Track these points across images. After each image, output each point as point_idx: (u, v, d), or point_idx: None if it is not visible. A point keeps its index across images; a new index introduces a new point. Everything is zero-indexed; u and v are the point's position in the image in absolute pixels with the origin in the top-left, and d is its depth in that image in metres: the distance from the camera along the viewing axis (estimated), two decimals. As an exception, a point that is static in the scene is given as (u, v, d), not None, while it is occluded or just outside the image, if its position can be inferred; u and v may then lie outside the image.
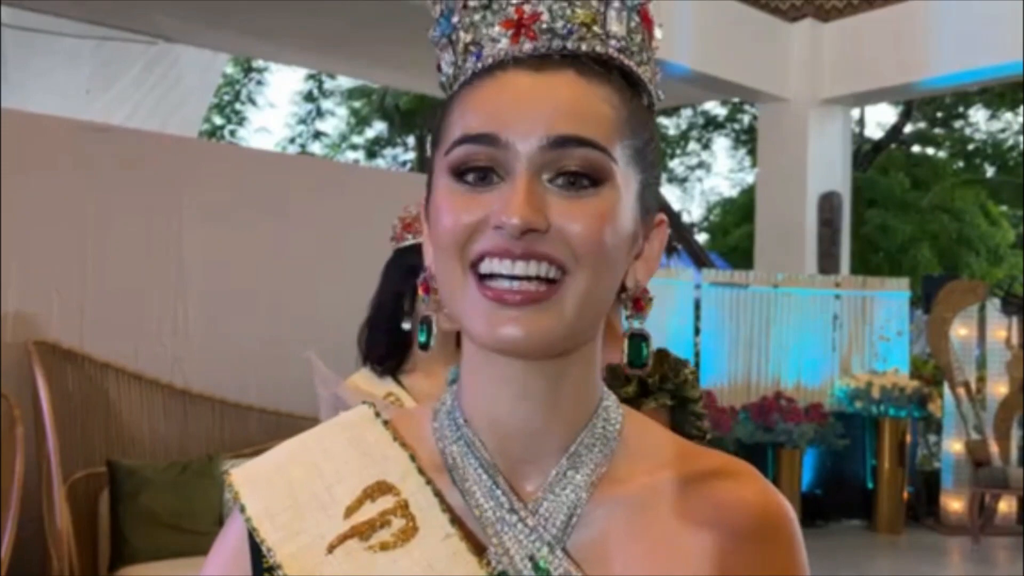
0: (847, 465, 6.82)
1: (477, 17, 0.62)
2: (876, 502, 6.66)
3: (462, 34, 0.63)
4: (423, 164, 15.47)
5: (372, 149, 16.01)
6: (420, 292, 0.66)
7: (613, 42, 0.62)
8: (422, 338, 0.66)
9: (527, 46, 0.60)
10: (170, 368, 4.15)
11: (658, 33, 0.66)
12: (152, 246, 4.19)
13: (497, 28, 0.61)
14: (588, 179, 0.59)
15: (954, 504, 6.70)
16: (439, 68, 0.66)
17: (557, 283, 0.58)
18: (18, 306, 3.76)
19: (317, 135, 15.55)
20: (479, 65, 0.61)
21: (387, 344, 2.04)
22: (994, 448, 6.49)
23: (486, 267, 0.58)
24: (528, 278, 0.58)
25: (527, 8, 0.61)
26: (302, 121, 15.37)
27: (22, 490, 3.11)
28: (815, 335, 6.99)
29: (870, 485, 6.78)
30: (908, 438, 6.75)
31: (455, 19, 0.63)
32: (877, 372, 6.81)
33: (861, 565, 5.92)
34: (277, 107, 15.53)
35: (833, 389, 6.88)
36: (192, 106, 8.11)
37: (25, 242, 3.83)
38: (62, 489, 3.40)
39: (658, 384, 1.28)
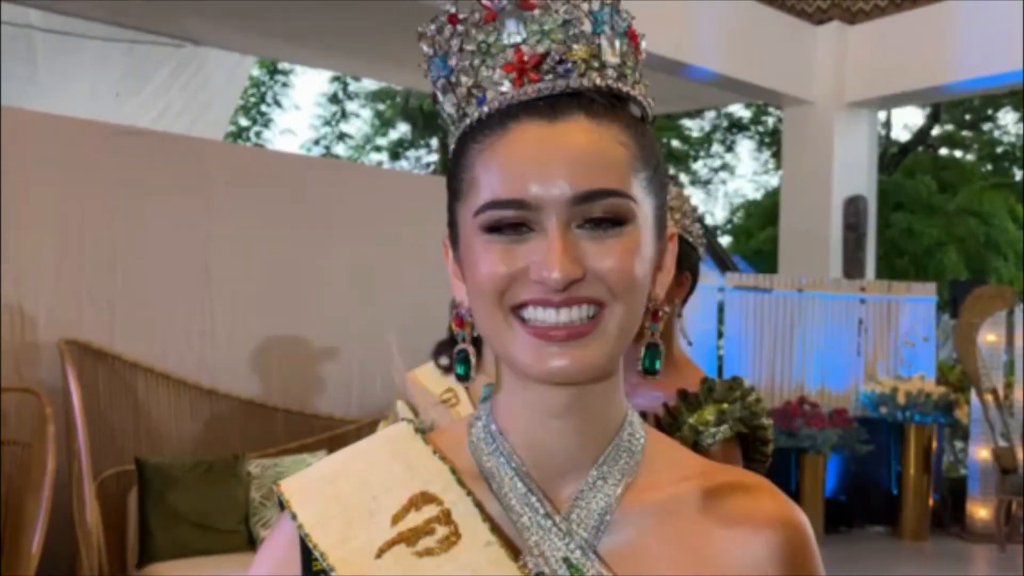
0: (871, 471, 6.76)
1: (476, 61, 0.64)
2: (901, 509, 6.60)
3: (463, 78, 0.65)
4: (446, 166, 15.51)
5: (396, 151, 16.07)
6: (454, 327, 0.70)
7: (610, 71, 0.64)
8: (460, 371, 0.69)
9: (531, 88, 0.62)
10: (197, 368, 4.20)
11: (643, 44, 0.68)
12: (180, 247, 4.25)
13: (499, 72, 0.63)
14: (613, 220, 0.62)
15: (980, 511, 6.62)
16: (435, 100, 0.68)
17: (597, 316, 0.62)
18: (50, 306, 3.83)
19: (341, 137, 15.62)
20: (485, 110, 0.63)
21: (447, 352, 2.12)
22: (1021, 455, 6.40)
23: (529, 314, 0.62)
24: (570, 321, 0.61)
25: (526, 49, 0.62)
26: (327, 123, 15.45)
27: (53, 487, 3.16)
28: (840, 340, 6.94)
29: (895, 491, 6.72)
30: (934, 444, 6.68)
31: (452, 62, 0.65)
32: (903, 377, 6.75)
33: (885, 572, 5.87)
34: (302, 109, 15.63)
35: (858, 394, 6.83)
36: (219, 108, 8.19)
37: (57, 244, 3.89)
38: (92, 486, 3.46)
39: (737, 412, 1.31)
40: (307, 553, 0.66)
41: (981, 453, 6.64)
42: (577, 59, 0.63)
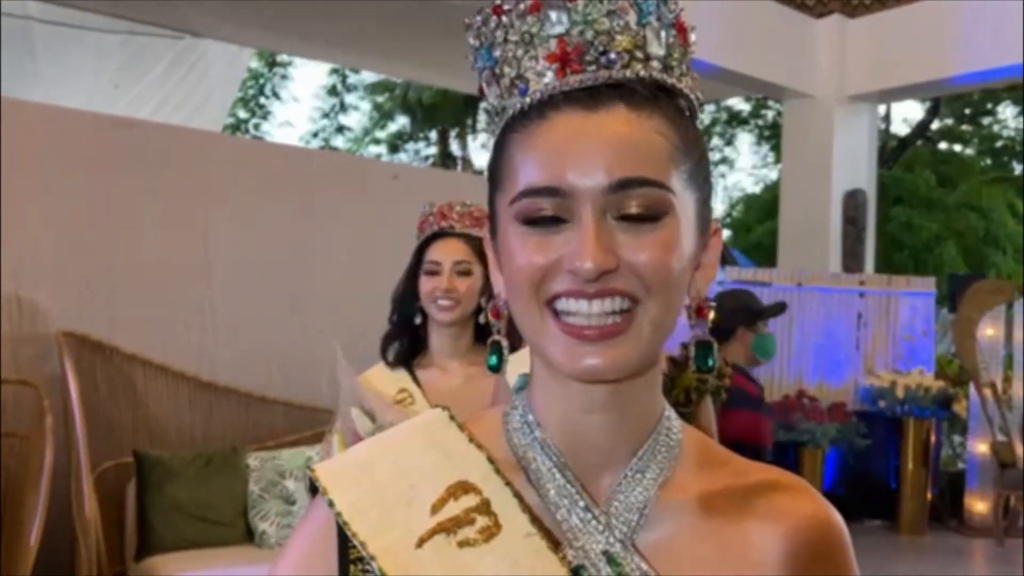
0: (870, 465, 6.77)
1: (519, 52, 0.63)
2: (899, 503, 6.62)
3: (506, 69, 0.64)
4: (445, 159, 15.48)
5: (394, 144, 16.04)
6: (491, 318, 0.69)
7: (655, 63, 0.63)
8: (493, 361, 0.68)
9: (573, 79, 0.62)
10: (196, 361, 4.19)
11: (692, 37, 0.67)
12: (179, 240, 4.24)
13: (541, 62, 0.63)
14: (650, 213, 0.61)
15: (978, 506, 6.64)
16: (481, 94, 0.67)
17: (631, 312, 0.61)
18: (48, 298, 3.82)
19: (340, 129, 15.60)
20: (527, 101, 0.63)
21: (399, 338, 2.08)
22: (1019, 450, 6.41)
23: (562, 306, 0.61)
24: (603, 314, 0.61)
25: (569, 40, 0.62)
26: (325, 115, 15.43)
27: (51, 479, 3.15)
28: (839, 334, 6.95)
29: (893, 485, 6.73)
30: (932, 438, 6.69)
31: (496, 53, 0.65)
32: (901, 372, 6.76)
33: (883, 566, 5.88)
34: (301, 101, 15.60)
35: (857, 388, 6.83)
36: (217, 100, 8.17)
37: (55, 235, 3.88)
38: (90, 479, 3.45)
39: (723, 372, 1.49)
40: (343, 540, 0.65)
41: (979, 447, 6.65)
42: (621, 50, 0.62)
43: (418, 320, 2.07)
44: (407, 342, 2.08)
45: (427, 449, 0.68)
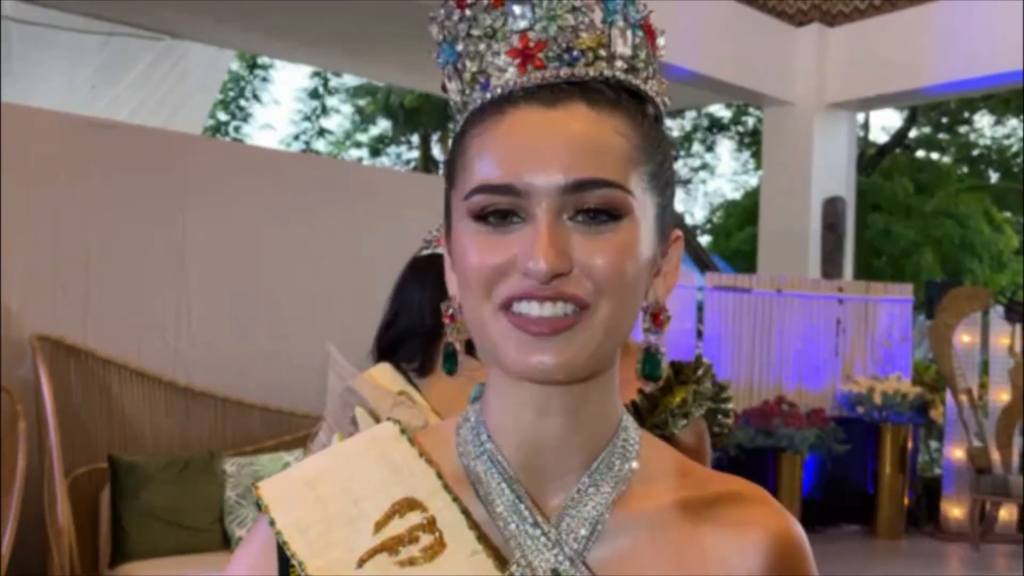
0: (848, 470, 6.81)
1: (482, 47, 0.62)
2: (876, 507, 6.66)
3: (468, 63, 0.63)
4: (427, 163, 15.46)
5: (376, 147, 16.00)
6: (445, 321, 0.67)
7: (619, 63, 0.62)
8: (448, 365, 0.68)
9: (535, 75, 0.61)
10: (172, 365, 4.15)
11: (661, 41, 0.66)
12: (156, 243, 4.20)
13: (503, 57, 0.61)
14: (607, 214, 0.60)
15: (955, 511, 6.69)
16: (444, 90, 0.66)
17: (583, 312, 0.60)
18: (22, 301, 3.77)
19: (321, 132, 15.54)
20: (487, 96, 0.62)
21: (422, 352, 2.01)
22: (995, 455, 6.47)
23: (515, 308, 0.60)
24: (555, 315, 0.59)
25: (532, 36, 0.61)
26: (306, 118, 15.36)
27: (24, 485, 3.11)
28: (818, 340, 6.99)
29: (870, 490, 6.78)
30: (909, 444, 6.74)
31: (459, 47, 0.63)
32: (879, 377, 6.81)
33: (860, 570, 5.91)
34: (282, 104, 15.52)
35: (835, 394, 6.88)
36: (197, 102, 8.11)
37: (30, 237, 3.83)
38: (64, 484, 3.41)
39: (708, 392, 1.39)
40: (284, 560, 0.64)
41: (955, 453, 6.70)
42: (584, 48, 0.61)
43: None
44: (425, 356, 2.02)
45: (375, 464, 0.66)
